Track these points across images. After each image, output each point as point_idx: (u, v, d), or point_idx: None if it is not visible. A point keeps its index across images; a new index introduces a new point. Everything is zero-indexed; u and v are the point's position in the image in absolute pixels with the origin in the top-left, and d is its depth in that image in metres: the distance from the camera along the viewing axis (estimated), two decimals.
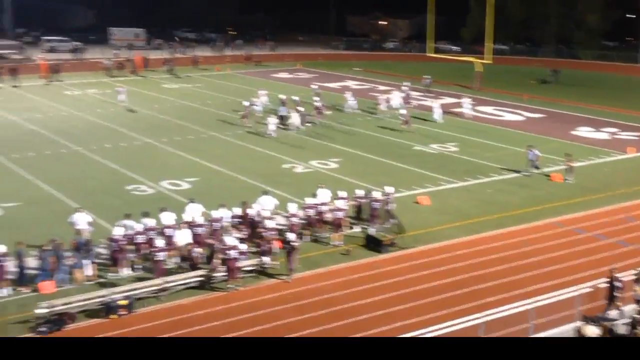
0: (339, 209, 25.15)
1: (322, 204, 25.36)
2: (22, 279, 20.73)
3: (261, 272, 22.17)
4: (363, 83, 63.71)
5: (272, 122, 40.99)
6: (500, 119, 48.50)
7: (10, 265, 20.68)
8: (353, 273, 22.51)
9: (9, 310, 19.52)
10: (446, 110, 48.50)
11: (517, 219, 27.75)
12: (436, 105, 46.74)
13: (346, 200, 25.90)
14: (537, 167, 33.96)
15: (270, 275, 22.02)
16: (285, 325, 18.88)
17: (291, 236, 22.17)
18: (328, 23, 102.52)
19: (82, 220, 23.48)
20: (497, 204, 29.61)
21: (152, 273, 21.41)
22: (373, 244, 24.43)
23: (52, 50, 79.48)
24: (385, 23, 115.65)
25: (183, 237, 22.35)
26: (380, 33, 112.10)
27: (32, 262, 21.24)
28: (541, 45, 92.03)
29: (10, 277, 20.59)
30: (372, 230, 25.45)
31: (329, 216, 25.38)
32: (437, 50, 74.23)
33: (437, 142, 40.24)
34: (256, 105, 44.85)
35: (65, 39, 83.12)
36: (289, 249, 21.88)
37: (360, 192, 26.68)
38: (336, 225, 25.00)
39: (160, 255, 21.27)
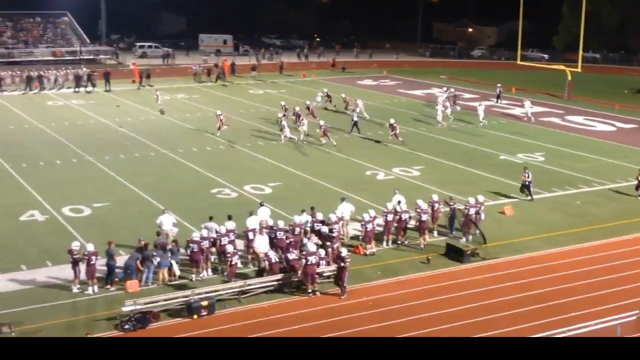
0: (424, 212, 25.02)
1: (404, 211, 25.16)
2: (110, 277, 21.39)
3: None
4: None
5: (286, 128, 40.83)
6: (590, 129, 47.10)
7: (99, 264, 21.33)
8: (433, 282, 22.24)
9: (97, 308, 20.16)
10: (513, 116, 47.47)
11: (606, 232, 26.85)
12: (480, 109, 46.88)
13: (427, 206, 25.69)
14: (528, 189, 30.45)
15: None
16: (363, 332, 18.78)
17: (344, 251, 21.52)
18: (414, 30, 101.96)
19: (168, 221, 24.04)
20: (585, 217, 28.72)
21: (239, 275, 21.74)
22: (454, 254, 24.09)
23: (143, 56, 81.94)
24: (472, 30, 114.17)
25: (262, 242, 22.54)
26: (467, 40, 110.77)
27: (119, 260, 21.87)
28: (636, 53, 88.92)
29: (98, 275, 21.25)
30: (462, 239, 25.31)
31: (412, 223, 25.31)
32: (526, 58, 72.85)
33: (524, 151, 39.39)
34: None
35: (156, 45, 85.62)
36: (339, 265, 21.13)
37: (434, 197, 26.30)
38: (422, 229, 24.90)
39: (234, 259, 21.52)
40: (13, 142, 39.89)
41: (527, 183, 30.39)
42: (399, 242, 25.06)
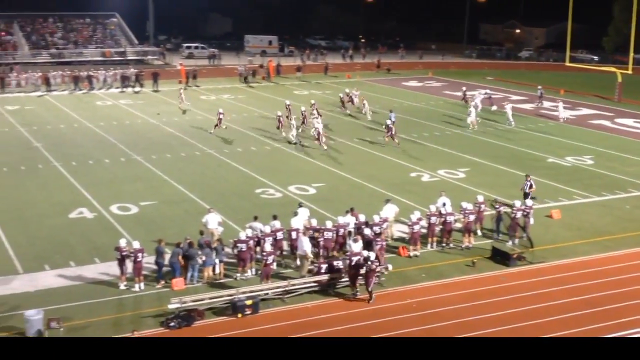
0: (471, 212, 24.82)
1: (449, 213, 24.94)
2: (159, 275, 21.61)
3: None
4: (495, 92, 62.21)
5: (293, 128, 40.80)
6: None
7: (145, 261, 21.54)
8: (479, 285, 21.97)
9: (143, 305, 20.36)
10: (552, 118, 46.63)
11: None
12: (508, 108, 46.98)
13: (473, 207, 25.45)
14: (532, 198, 28.19)
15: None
16: (407, 334, 18.60)
17: (372, 256, 21.17)
18: (461, 31, 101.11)
19: (213, 220, 24.20)
20: (636, 221, 28.07)
21: (275, 275, 21.76)
22: (500, 257, 23.76)
23: (190, 56, 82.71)
24: (520, 31, 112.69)
25: (306, 243, 22.49)
26: (515, 41, 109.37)
27: (165, 258, 22.06)
28: None
29: (144, 272, 21.48)
30: (509, 242, 25.02)
31: (457, 225, 25.11)
32: (575, 60, 71.61)
33: (573, 154, 38.73)
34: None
35: (202, 46, 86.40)
36: (367, 270, 20.80)
37: (480, 198, 26.02)
38: (467, 229, 24.71)
39: (270, 259, 21.53)
40: (64, 141, 40.61)
41: (526, 190, 28.83)
42: (443, 244, 24.85)
